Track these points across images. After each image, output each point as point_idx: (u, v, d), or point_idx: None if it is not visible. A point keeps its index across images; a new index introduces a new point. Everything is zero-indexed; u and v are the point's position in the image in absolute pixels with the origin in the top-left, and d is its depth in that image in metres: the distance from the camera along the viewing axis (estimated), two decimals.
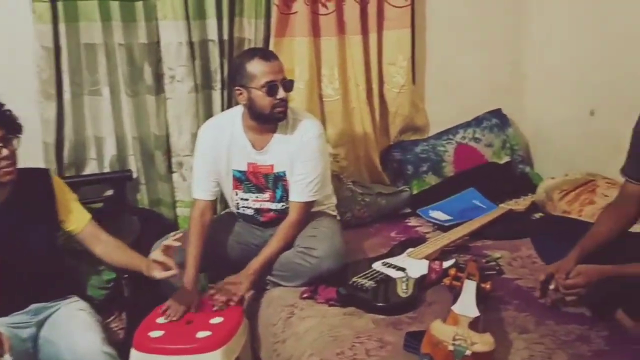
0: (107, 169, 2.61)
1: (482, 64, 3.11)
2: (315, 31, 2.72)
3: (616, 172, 2.60)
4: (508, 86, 3.20)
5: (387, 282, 2.07)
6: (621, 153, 2.54)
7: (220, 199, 2.54)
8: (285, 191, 2.25)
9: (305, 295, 2.07)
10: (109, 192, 2.60)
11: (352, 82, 2.86)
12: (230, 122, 2.25)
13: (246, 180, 2.26)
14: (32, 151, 2.14)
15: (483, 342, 1.45)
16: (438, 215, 2.72)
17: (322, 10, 2.71)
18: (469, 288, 1.85)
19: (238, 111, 2.24)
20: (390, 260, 2.23)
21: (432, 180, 2.98)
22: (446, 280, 1.96)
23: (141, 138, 2.59)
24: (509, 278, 2.16)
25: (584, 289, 1.71)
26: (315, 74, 2.75)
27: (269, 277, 2.20)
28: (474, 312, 1.63)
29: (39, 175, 2.01)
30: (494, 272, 2.20)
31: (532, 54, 3.13)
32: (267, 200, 2.29)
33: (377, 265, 2.19)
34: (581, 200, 2.51)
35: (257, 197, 2.29)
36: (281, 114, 2.13)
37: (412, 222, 2.77)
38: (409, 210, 2.84)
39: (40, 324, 1.92)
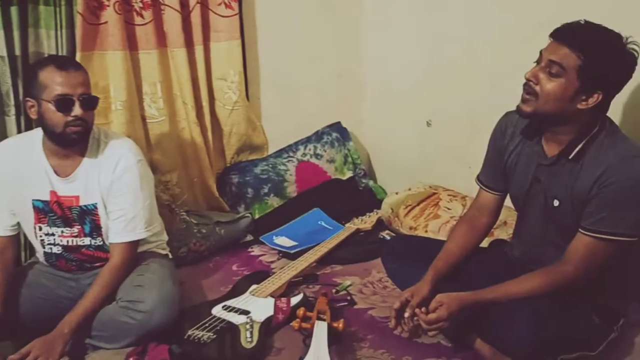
0: None
1: (318, 77, 2.95)
2: (132, 44, 2.38)
3: (457, 183, 2.61)
4: (346, 99, 3.08)
5: (229, 331, 1.80)
6: (460, 163, 2.55)
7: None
8: (96, 226, 1.90)
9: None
10: None
11: (179, 101, 2.55)
12: (30, 144, 1.87)
13: (50, 211, 1.88)
14: None
15: None
16: (283, 241, 2.51)
17: (137, 19, 2.37)
18: (320, 331, 1.66)
19: (40, 132, 1.86)
20: (231, 302, 1.96)
21: (274, 202, 2.77)
22: (294, 324, 1.75)
23: None
24: (361, 309, 2.00)
25: (447, 321, 1.57)
26: (134, 92, 2.41)
27: (87, 340, 1.84)
28: None
29: None
30: (346, 303, 2.03)
31: (369, 66, 3.04)
32: (77, 236, 1.92)
33: (217, 310, 1.92)
34: (426, 215, 2.43)
35: (63, 231, 1.91)
36: (75, 134, 1.77)
37: (256, 251, 2.53)
38: (251, 238, 2.59)
39: None
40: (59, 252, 1.94)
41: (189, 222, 2.46)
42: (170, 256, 2.13)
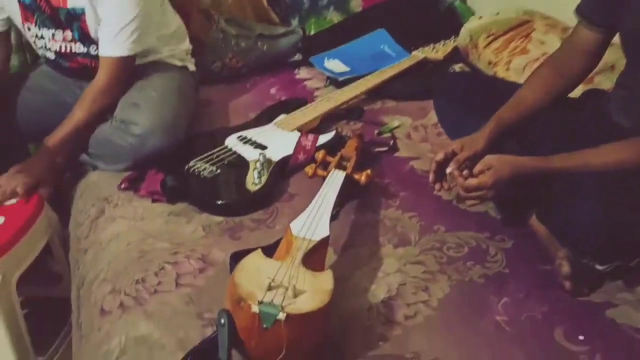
0: None
1: None
2: None
3: (560, 9, 2.03)
4: None
5: (235, 168, 1.53)
6: None
7: None
8: (85, 34, 1.60)
9: (123, 186, 1.53)
10: None
11: None
12: None
13: (37, 8, 1.58)
14: None
15: (311, 295, 0.95)
16: (334, 65, 2.12)
17: None
18: (333, 182, 1.33)
19: None
20: (250, 132, 1.67)
21: (334, 17, 2.34)
22: (308, 170, 1.43)
23: None
24: (403, 158, 1.64)
25: (491, 191, 1.20)
26: None
27: (83, 157, 1.64)
28: (321, 232, 1.12)
29: None
30: (386, 148, 1.68)
31: None
32: (70, 41, 1.64)
33: (231, 141, 1.63)
34: (511, 49, 1.93)
35: (54, 34, 1.63)
36: None
37: (302, 73, 2.17)
38: (299, 58, 2.22)
39: None
40: (53, 58, 1.68)
41: (227, 32, 2.11)
42: (192, 69, 1.83)
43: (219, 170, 1.51)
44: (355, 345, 1.05)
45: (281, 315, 0.89)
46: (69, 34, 1.62)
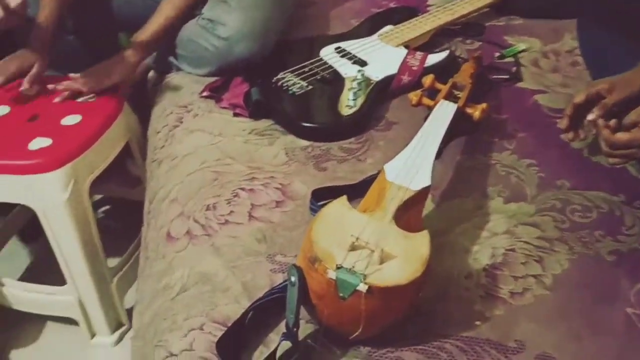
0: None
1: None
2: None
3: None
4: None
5: (328, 85, 1.34)
6: None
7: None
8: None
9: (204, 94, 1.38)
10: None
11: None
12: None
13: None
14: None
15: (401, 263, 0.78)
16: None
17: None
18: (441, 116, 1.12)
19: None
20: (349, 44, 1.45)
21: None
22: (412, 97, 1.21)
23: None
24: (527, 90, 1.38)
25: None
26: None
27: (171, 58, 1.50)
28: (422, 180, 0.93)
29: None
30: (507, 76, 1.42)
31: None
32: None
33: (327, 53, 1.43)
34: None
35: None
36: None
37: None
38: None
39: None
40: None
41: None
42: None
43: (310, 87, 1.32)
44: (447, 321, 0.88)
45: (362, 287, 0.73)
46: None
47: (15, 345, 1.54)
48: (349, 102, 1.27)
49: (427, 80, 1.24)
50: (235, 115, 1.31)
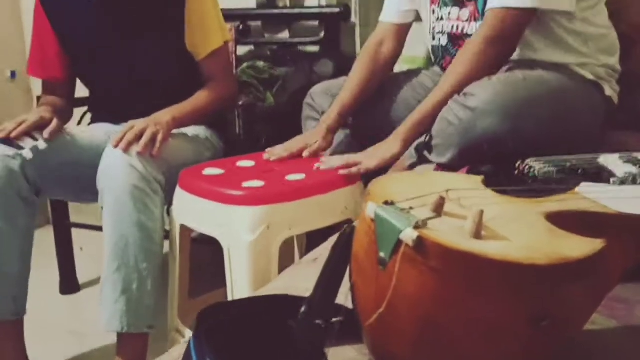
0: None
1: None
2: None
3: None
4: None
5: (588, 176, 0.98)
6: None
7: None
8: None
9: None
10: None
11: None
12: None
13: None
14: None
15: (509, 244, 0.41)
16: None
17: None
18: None
19: None
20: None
21: None
22: None
23: None
24: None
25: None
26: None
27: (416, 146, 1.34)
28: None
29: None
30: None
31: None
32: (466, 20, 1.38)
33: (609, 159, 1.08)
34: None
35: (451, 13, 1.40)
36: None
37: None
38: None
39: None
40: (445, 44, 1.46)
41: None
42: (608, 92, 1.33)
43: (558, 175, 0.99)
44: None
45: (408, 234, 0.40)
46: (466, 12, 1.39)
47: None
48: None
49: None
50: None
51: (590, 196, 0.55)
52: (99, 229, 1.36)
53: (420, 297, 0.40)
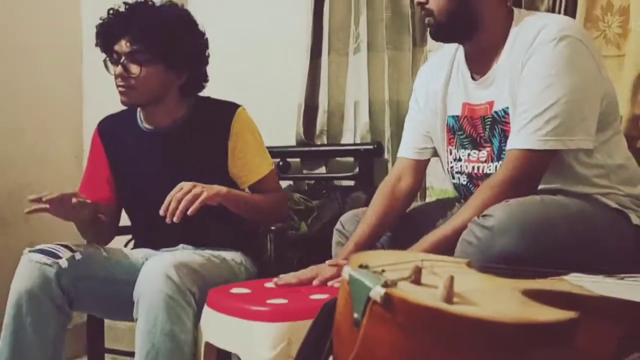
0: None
1: None
2: None
3: None
4: None
5: None
6: None
7: None
8: (506, 140, 1.37)
9: None
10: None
11: None
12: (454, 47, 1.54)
13: (459, 129, 1.49)
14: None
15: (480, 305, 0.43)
16: None
17: None
18: None
19: None
20: None
21: None
22: None
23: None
24: None
25: None
26: None
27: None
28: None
29: (224, 108, 1.75)
30: None
31: None
32: (484, 161, 1.45)
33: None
34: None
35: (470, 155, 1.47)
36: None
37: None
38: None
39: None
40: (465, 182, 1.50)
41: None
42: (635, 221, 1.33)
43: None
44: None
45: (376, 292, 0.42)
46: (484, 153, 1.46)
47: None
48: None
49: None
50: None
51: (577, 283, 0.56)
52: (133, 354, 1.37)
53: (389, 355, 0.41)
